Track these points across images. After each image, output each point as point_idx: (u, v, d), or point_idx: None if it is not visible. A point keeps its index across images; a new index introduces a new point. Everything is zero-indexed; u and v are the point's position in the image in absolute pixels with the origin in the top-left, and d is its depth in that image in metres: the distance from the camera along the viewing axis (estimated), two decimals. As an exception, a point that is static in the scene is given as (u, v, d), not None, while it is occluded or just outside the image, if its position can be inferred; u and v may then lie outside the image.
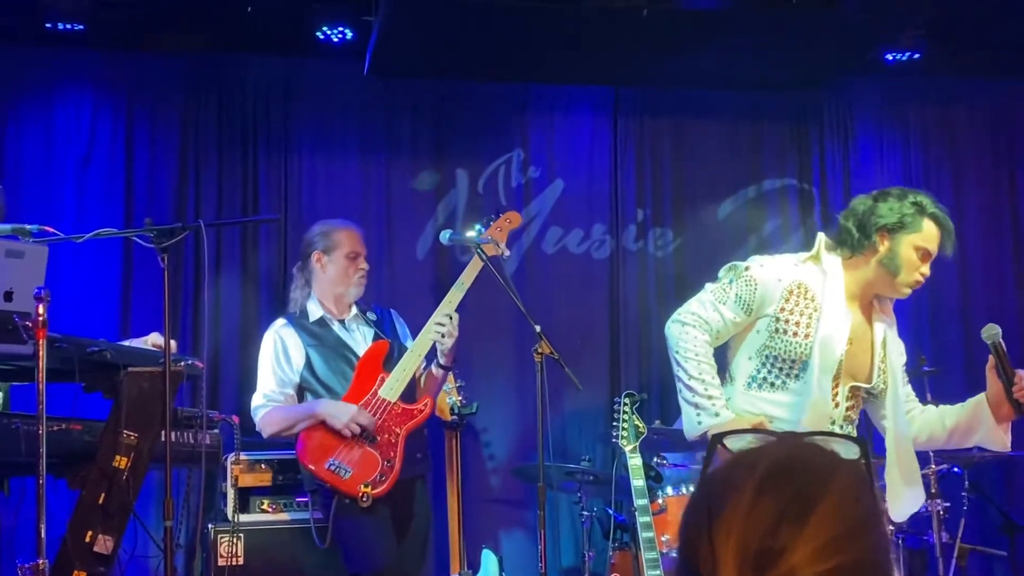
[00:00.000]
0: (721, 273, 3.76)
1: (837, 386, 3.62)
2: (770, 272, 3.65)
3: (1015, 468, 5.98)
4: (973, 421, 3.63)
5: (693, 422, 3.60)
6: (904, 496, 3.68)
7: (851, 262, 3.65)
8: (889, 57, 5.87)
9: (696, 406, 3.60)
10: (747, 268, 3.67)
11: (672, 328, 3.72)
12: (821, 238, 3.71)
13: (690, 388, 3.62)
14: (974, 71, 6.29)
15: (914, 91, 6.28)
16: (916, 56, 5.83)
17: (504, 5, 5.07)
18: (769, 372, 3.65)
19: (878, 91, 6.29)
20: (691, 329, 3.67)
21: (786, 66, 5.85)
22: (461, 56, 5.64)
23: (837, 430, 3.58)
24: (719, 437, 2.09)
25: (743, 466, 1.23)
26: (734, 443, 2.12)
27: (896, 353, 3.75)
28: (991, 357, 3.56)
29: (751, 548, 1.17)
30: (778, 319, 3.59)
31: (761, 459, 1.23)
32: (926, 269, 3.61)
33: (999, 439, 3.61)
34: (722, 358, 3.74)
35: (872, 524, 1.23)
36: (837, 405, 3.62)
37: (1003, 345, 3.54)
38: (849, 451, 1.33)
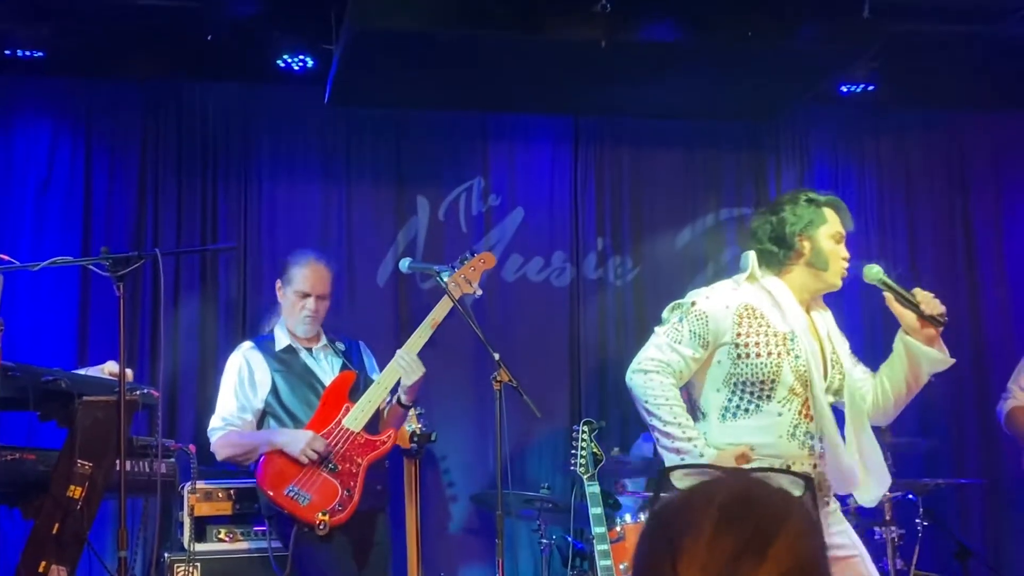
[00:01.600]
0: (665, 314, 3.78)
1: (807, 399, 3.65)
2: (716, 302, 3.68)
3: (968, 496, 6.02)
4: (910, 361, 3.64)
5: (689, 461, 3.56)
6: (868, 483, 3.70)
7: (782, 274, 3.71)
8: (844, 88, 5.92)
9: (678, 451, 3.58)
10: (693, 303, 3.70)
11: (635, 378, 3.70)
12: (753, 257, 3.73)
13: (668, 435, 3.60)
14: (927, 103, 6.35)
15: (868, 122, 6.34)
16: (870, 88, 5.89)
17: (465, 36, 5.08)
18: (741, 399, 3.65)
19: (833, 122, 6.35)
20: (655, 375, 3.65)
21: (743, 97, 5.88)
22: (422, 85, 5.63)
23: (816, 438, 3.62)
24: (667, 472, 2.10)
25: (700, 500, 1.27)
26: (679, 480, 2.12)
27: (840, 340, 3.79)
28: (886, 294, 3.63)
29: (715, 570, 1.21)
30: (737, 344, 3.61)
31: (717, 494, 1.27)
32: (844, 251, 3.70)
33: (940, 358, 3.63)
34: (687, 397, 3.73)
35: (822, 559, 1.29)
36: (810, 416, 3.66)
37: (889, 278, 3.63)
38: (796, 487, 1.36)
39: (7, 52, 5.23)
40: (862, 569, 3.62)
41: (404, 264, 4.96)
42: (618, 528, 4.99)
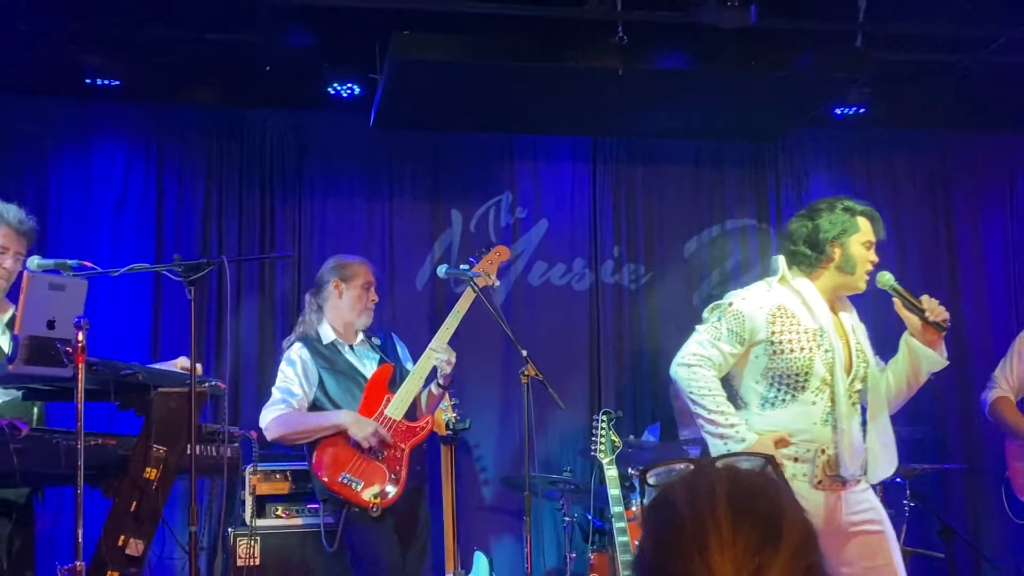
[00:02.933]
0: (706, 313, 3.77)
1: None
2: (752, 303, 3.67)
3: (951, 479, 6.00)
4: (911, 360, 3.66)
5: (721, 451, 3.59)
6: (880, 459, 3.71)
7: (812, 276, 3.70)
8: (837, 111, 5.92)
9: (721, 436, 3.59)
10: (730, 304, 3.70)
11: (680, 371, 3.72)
12: (783, 261, 3.73)
13: (712, 422, 3.61)
14: (913, 124, 6.33)
15: (859, 141, 6.33)
16: (861, 110, 5.88)
17: (494, 65, 5.09)
18: (778, 390, 3.65)
19: (827, 141, 6.34)
20: (697, 369, 3.67)
21: (746, 119, 5.89)
22: (456, 109, 5.66)
23: (850, 422, 3.61)
24: (644, 472, 2.07)
25: (701, 500, 1.25)
26: (654, 478, 2.12)
27: (863, 334, 3.78)
28: (895, 300, 3.64)
29: (744, 567, 1.20)
30: (771, 342, 3.62)
31: (716, 490, 1.25)
32: (874, 256, 3.69)
33: (938, 360, 3.65)
34: (728, 387, 3.74)
35: (812, 526, 1.27)
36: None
37: (899, 285, 3.64)
38: (756, 463, 1.36)
39: (88, 80, 5.28)
40: (885, 545, 3.63)
41: (441, 270, 5.01)
42: (634, 508, 5.00)
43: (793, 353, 3.59)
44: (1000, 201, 6.56)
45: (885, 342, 3.86)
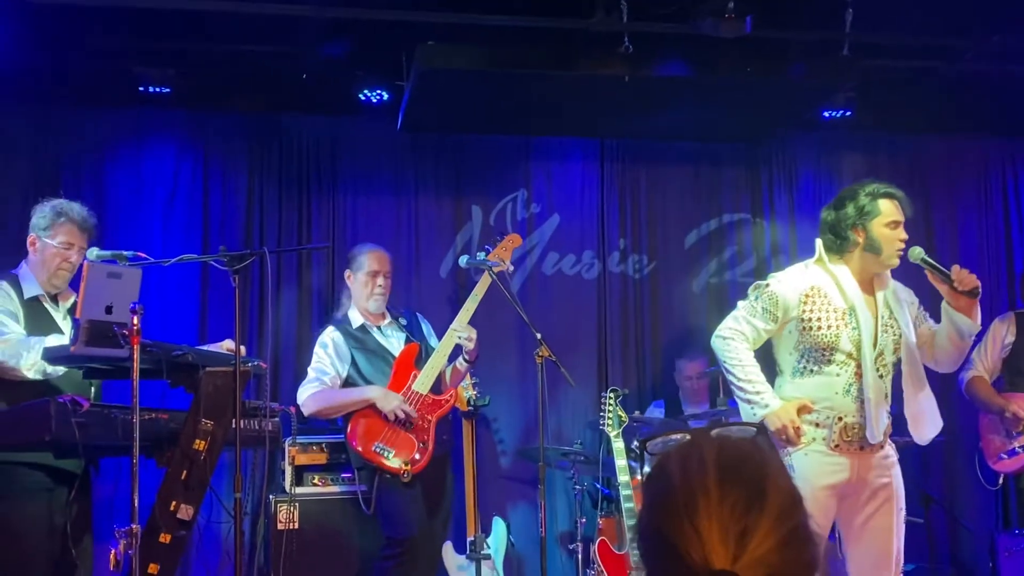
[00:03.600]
0: (749, 291, 3.80)
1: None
2: (787, 285, 3.69)
3: (930, 452, 5.95)
4: (949, 324, 3.66)
5: (749, 414, 3.65)
6: (923, 425, 3.75)
7: (845, 259, 3.68)
8: (825, 115, 5.88)
9: (749, 402, 3.64)
10: (767, 285, 3.73)
11: (716, 343, 3.78)
12: (820, 245, 3.74)
13: (742, 389, 3.67)
14: (894, 126, 6.29)
15: (845, 143, 6.29)
16: (848, 114, 5.84)
17: (511, 73, 5.10)
18: (808, 362, 3.67)
19: (816, 142, 6.30)
20: (731, 342, 3.72)
21: (741, 122, 5.88)
22: (476, 114, 5.67)
23: (876, 393, 3.61)
24: (644, 443, 2.05)
25: (695, 465, 1.24)
26: (652, 448, 2.12)
27: (906, 304, 3.74)
28: (927, 272, 3.63)
29: (731, 530, 1.19)
30: (802, 320, 3.64)
31: (707, 458, 1.24)
32: (902, 234, 3.65)
33: (970, 323, 3.62)
34: (770, 354, 3.80)
35: (798, 492, 1.26)
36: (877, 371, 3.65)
37: (929, 258, 3.61)
38: (747, 432, 1.36)
39: (140, 88, 5.29)
40: (899, 501, 3.65)
41: (463, 260, 5.06)
42: (639, 477, 5.01)
43: (821, 330, 3.61)
44: (974, 197, 6.52)
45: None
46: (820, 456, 3.59)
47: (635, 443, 5.14)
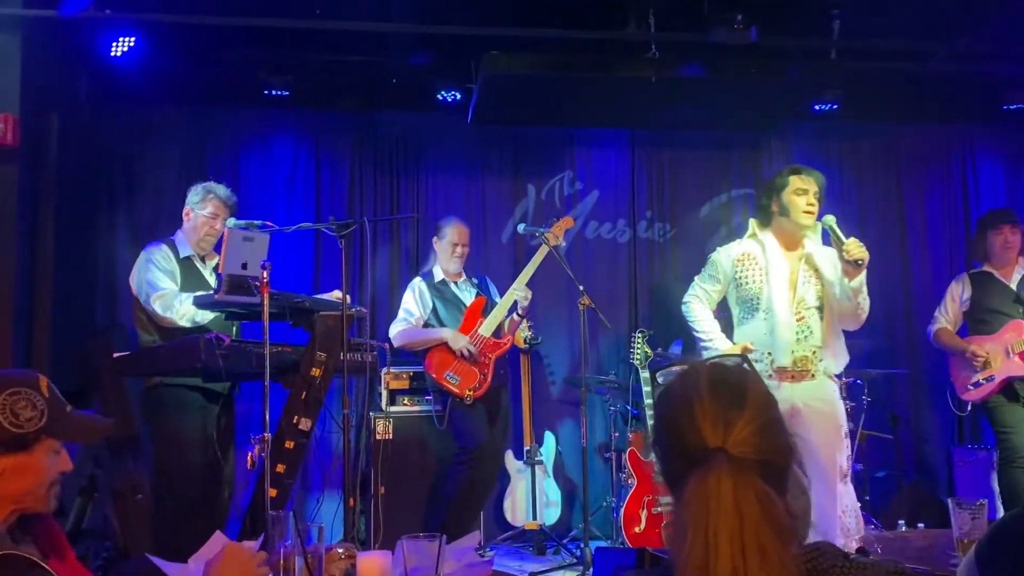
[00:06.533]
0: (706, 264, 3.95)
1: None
2: (724, 254, 3.87)
3: (898, 381, 5.91)
4: (842, 288, 3.65)
5: (709, 355, 3.77)
6: (833, 357, 3.72)
7: (772, 228, 3.76)
8: (816, 108, 5.76)
9: (706, 348, 3.83)
10: (711, 256, 3.92)
11: (683, 306, 4.00)
12: (752, 222, 3.85)
13: (700, 337, 3.89)
14: (874, 118, 6.14)
15: (833, 132, 6.16)
16: (835, 107, 5.72)
17: (559, 76, 5.06)
18: (744, 312, 3.74)
19: (808, 131, 6.17)
20: (689, 304, 3.95)
21: (747, 114, 5.77)
22: (531, 109, 5.63)
23: (794, 335, 3.63)
24: (654, 372, 2.07)
25: (691, 380, 1.31)
26: (661, 377, 2.16)
27: (827, 264, 3.70)
28: (832, 238, 3.61)
29: (719, 420, 1.24)
30: (736, 279, 3.76)
31: (701, 375, 1.31)
32: (810, 199, 3.67)
33: (851, 288, 3.61)
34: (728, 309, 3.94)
35: (772, 397, 1.32)
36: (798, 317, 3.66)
37: (836, 227, 3.56)
38: (735, 360, 1.40)
39: (265, 92, 5.34)
40: (835, 421, 3.63)
41: (521, 227, 5.07)
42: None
43: (749, 285, 3.73)
44: (939, 176, 6.35)
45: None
46: None
47: (656, 373, 5.15)
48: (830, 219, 3.61)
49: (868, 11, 4.75)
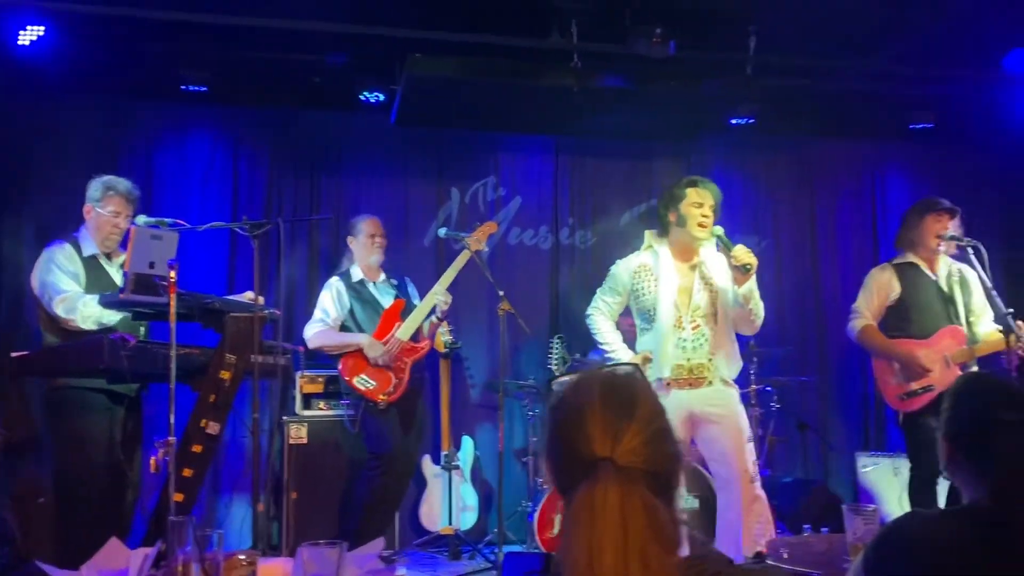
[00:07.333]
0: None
1: (680, 317, 3.69)
2: (622, 266, 3.92)
3: (807, 388, 6.05)
4: (733, 294, 3.69)
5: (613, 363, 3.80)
6: (726, 363, 3.73)
7: (668, 238, 3.81)
8: (733, 121, 5.88)
9: (610, 358, 3.86)
10: (612, 268, 3.96)
11: (587, 318, 4.00)
12: (648, 234, 3.91)
13: (603, 347, 3.90)
14: (787, 131, 6.31)
15: (749, 144, 6.29)
16: (751, 121, 5.86)
17: (483, 82, 5.07)
18: (643, 322, 3.78)
19: (726, 143, 6.30)
20: (592, 316, 3.99)
21: (667, 125, 5.87)
22: (455, 113, 5.62)
23: (688, 344, 3.67)
24: (551, 382, 2.09)
25: (584, 388, 1.32)
26: (557, 385, 2.19)
27: (721, 275, 3.74)
28: (721, 247, 3.69)
29: (609, 430, 1.25)
30: (634, 290, 3.81)
31: (594, 384, 1.32)
32: (705, 211, 3.71)
33: (739, 294, 3.64)
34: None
35: (661, 406, 1.34)
36: (684, 328, 3.69)
37: (724, 237, 3.65)
38: (628, 369, 1.41)
39: (183, 87, 5.21)
40: (736, 427, 3.64)
41: (442, 232, 5.05)
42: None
43: (645, 296, 3.76)
44: (849, 189, 6.57)
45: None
46: (658, 393, 3.62)
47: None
48: (718, 229, 3.71)
49: (783, 29, 4.88)
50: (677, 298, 3.72)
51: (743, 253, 3.56)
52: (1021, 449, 1.71)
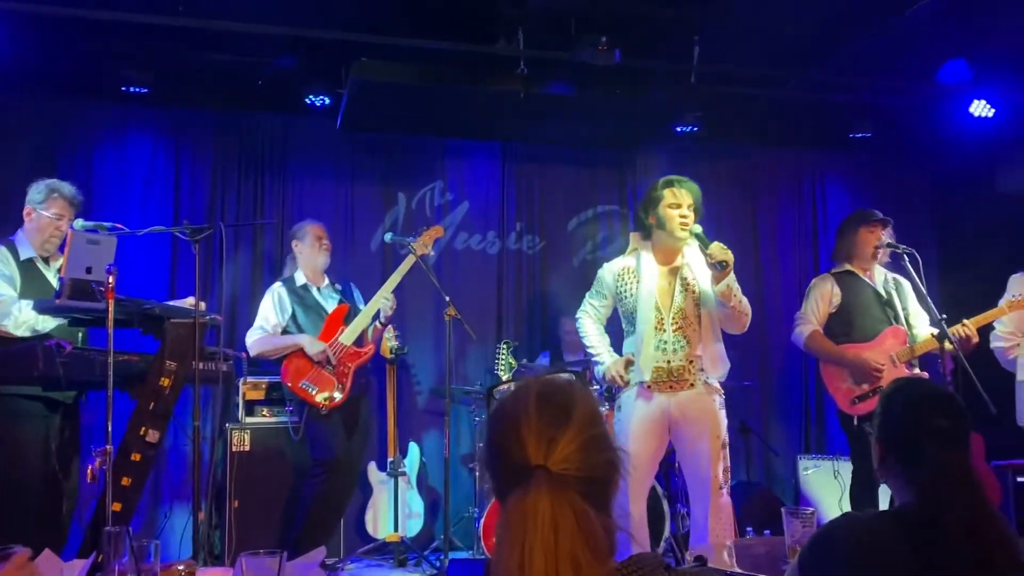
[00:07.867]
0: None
1: (662, 319, 3.66)
2: (607, 269, 3.88)
3: (749, 392, 6.12)
4: (714, 293, 3.67)
5: (599, 370, 3.80)
6: (715, 366, 3.68)
7: (651, 241, 3.76)
8: (677, 129, 5.97)
9: (593, 360, 3.85)
10: (599, 271, 3.92)
11: (576, 322, 3.97)
12: (633, 236, 3.88)
13: (588, 351, 3.88)
14: (731, 139, 6.40)
15: (693, 151, 6.36)
16: (695, 129, 5.94)
17: (429, 87, 5.07)
18: (628, 324, 3.79)
19: (671, 150, 6.36)
20: (580, 319, 3.94)
21: (612, 132, 5.93)
22: (401, 118, 5.62)
23: (668, 346, 3.63)
24: (491, 390, 2.11)
25: (522, 394, 1.32)
26: (497, 394, 2.19)
27: (704, 275, 3.69)
28: (699, 245, 3.65)
29: (543, 437, 1.26)
30: (618, 294, 3.77)
31: (531, 389, 1.32)
32: (684, 212, 3.66)
33: (716, 292, 3.61)
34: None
35: (598, 413, 1.34)
36: (665, 330, 3.64)
37: (702, 235, 3.62)
38: (568, 376, 1.42)
39: (124, 88, 5.13)
40: (713, 432, 3.58)
41: (387, 237, 5.02)
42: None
43: (629, 299, 3.73)
44: (790, 197, 6.69)
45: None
46: (640, 396, 3.64)
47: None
48: (696, 228, 3.67)
49: (727, 38, 4.97)
50: (658, 300, 3.66)
51: (719, 250, 3.52)
52: (949, 455, 1.76)
